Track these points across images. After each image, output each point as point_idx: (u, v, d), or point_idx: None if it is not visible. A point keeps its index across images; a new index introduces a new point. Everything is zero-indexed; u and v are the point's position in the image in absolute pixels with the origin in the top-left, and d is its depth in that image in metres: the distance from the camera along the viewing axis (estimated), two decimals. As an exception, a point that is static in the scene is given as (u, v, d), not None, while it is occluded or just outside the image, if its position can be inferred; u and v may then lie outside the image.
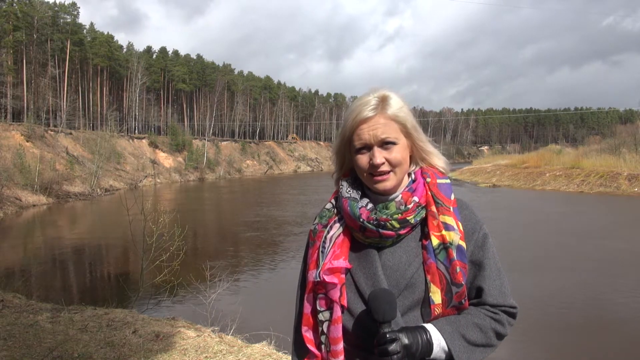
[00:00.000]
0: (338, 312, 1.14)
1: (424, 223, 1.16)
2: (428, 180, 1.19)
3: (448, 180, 1.21)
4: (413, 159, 1.23)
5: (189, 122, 68.51)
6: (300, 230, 16.15)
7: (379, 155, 1.14)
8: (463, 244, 1.13)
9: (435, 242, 1.13)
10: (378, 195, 1.19)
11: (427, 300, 1.12)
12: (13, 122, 37.87)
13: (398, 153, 1.15)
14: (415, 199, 1.16)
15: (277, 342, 4.95)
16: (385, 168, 1.14)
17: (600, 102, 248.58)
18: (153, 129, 60.11)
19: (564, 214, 19.10)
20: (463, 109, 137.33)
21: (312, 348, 1.19)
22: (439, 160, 1.24)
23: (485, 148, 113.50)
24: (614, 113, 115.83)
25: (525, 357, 6.31)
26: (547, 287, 9.17)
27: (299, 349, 1.25)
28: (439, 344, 1.08)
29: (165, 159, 50.47)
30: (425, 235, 1.15)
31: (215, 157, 57.18)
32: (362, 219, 1.14)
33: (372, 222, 1.13)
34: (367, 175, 1.17)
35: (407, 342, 1.04)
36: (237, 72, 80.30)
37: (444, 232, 1.13)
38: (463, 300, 1.14)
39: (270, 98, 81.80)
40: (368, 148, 1.15)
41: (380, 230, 1.13)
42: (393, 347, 1.01)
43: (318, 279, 1.16)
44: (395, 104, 1.17)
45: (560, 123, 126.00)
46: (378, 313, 1.04)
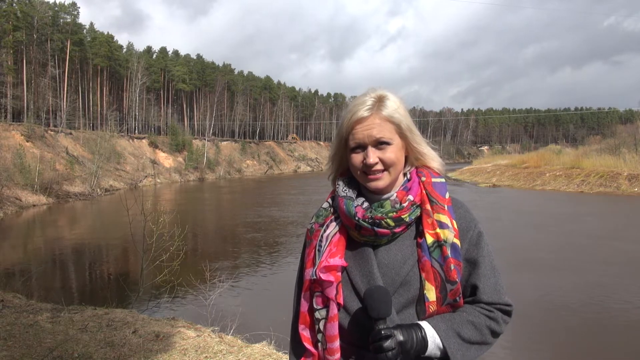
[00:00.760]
0: (334, 309, 1.15)
1: (419, 221, 1.18)
2: (423, 180, 1.21)
3: (443, 180, 1.23)
4: (408, 159, 1.24)
5: (189, 122, 68.50)
6: (301, 231, 16.15)
7: (373, 155, 1.15)
8: (457, 242, 1.14)
9: (430, 240, 1.14)
10: (374, 195, 1.21)
11: (421, 298, 1.14)
12: (13, 122, 37.87)
13: (392, 153, 1.17)
14: (410, 198, 1.17)
15: (277, 342, 4.95)
16: (379, 167, 1.16)
17: (601, 102, 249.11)
18: (153, 129, 60.09)
19: (572, 215, 18.96)
20: (463, 109, 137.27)
21: (308, 346, 1.21)
22: (434, 162, 1.25)
23: (485, 148, 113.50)
24: (614, 113, 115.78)
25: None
26: (565, 288, 8.99)
27: (296, 347, 1.27)
28: (434, 341, 1.09)
29: (165, 159, 50.47)
30: (420, 234, 1.17)
31: (215, 157, 57.18)
32: (357, 217, 1.16)
33: (367, 220, 1.15)
34: (360, 174, 1.18)
35: (402, 338, 1.05)
36: (237, 72, 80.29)
37: (438, 230, 1.14)
38: (458, 298, 1.15)
39: (270, 98, 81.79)
40: (363, 147, 1.17)
41: (376, 229, 1.15)
42: (388, 343, 1.03)
43: (314, 277, 1.17)
44: (391, 105, 1.18)
45: (560, 123, 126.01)
46: (373, 310, 1.05)
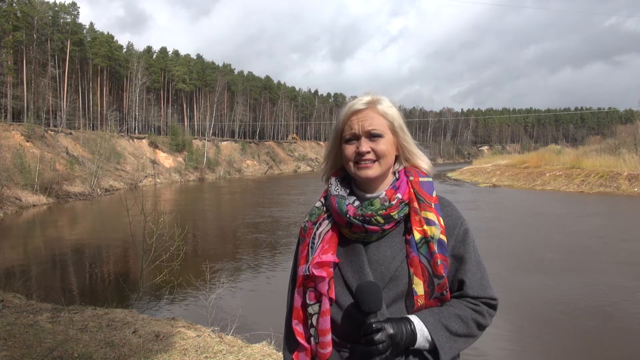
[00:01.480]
0: (326, 304, 1.20)
1: (407, 219, 1.23)
2: (411, 179, 1.26)
3: (430, 179, 1.29)
4: (398, 159, 1.31)
5: (189, 122, 68.50)
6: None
7: (365, 144, 1.22)
8: (444, 238, 1.20)
9: (418, 236, 1.19)
10: (364, 193, 1.27)
11: (410, 292, 1.18)
12: (13, 122, 37.86)
13: (384, 145, 1.24)
14: (399, 196, 1.22)
15: (277, 342, 4.95)
16: (371, 157, 1.22)
17: (602, 102, 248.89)
18: (153, 129, 60.08)
19: (578, 216, 18.90)
20: (463, 109, 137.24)
21: (302, 341, 1.26)
22: (422, 162, 1.31)
23: (485, 148, 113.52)
24: (614, 113, 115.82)
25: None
26: (579, 290, 8.90)
27: (290, 342, 1.32)
28: (423, 334, 1.14)
29: (165, 159, 50.46)
30: (409, 231, 1.22)
31: (215, 157, 57.18)
32: (348, 215, 1.21)
33: (358, 217, 1.20)
34: (352, 165, 1.24)
35: (392, 331, 1.10)
36: (237, 72, 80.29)
37: (426, 226, 1.19)
38: (445, 292, 1.20)
39: (270, 98, 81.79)
40: (356, 138, 1.24)
41: (366, 226, 1.20)
42: (379, 336, 1.08)
43: (307, 273, 1.22)
44: (386, 104, 1.27)
45: (560, 123, 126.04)
46: (364, 304, 1.10)
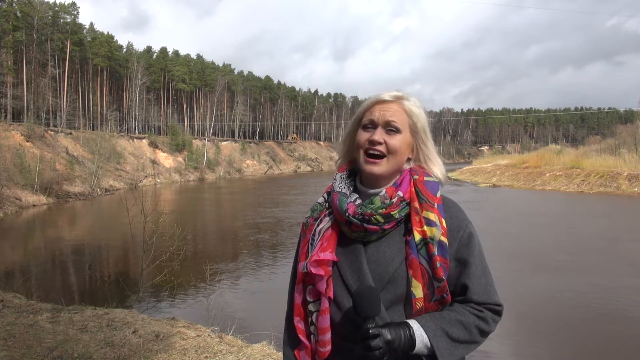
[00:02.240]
0: (325, 303, 1.19)
1: (408, 219, 1.20)
2: (415, 178, 1.22)
3: (436, 180, 1.24)
4: (409, 161, 1.27)
5: (189, 122, 68.49)
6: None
7: (380, 134, 1.20)
8: (445, 240, 1.16)
9: (417, 237, 1.16)
10: (367, 189, 1.25)
11: (409, 295, 1.15)
12: (13, 122, 37.85)
13: (398, 141, 1.21)
14: (400, 194, 1.19)
15: (277, 342, 4.95)
16: (382, 149, 1.19)
17: (602, 102, 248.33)
18: (153, 129, 60.06)
19: (585, 216, 18.86)
20: (463, 109, 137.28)
21: (302, 338, 1.25)
22: (437, 171, 1.26)
23: (485, 148, 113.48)
24: (614, 113, 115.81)
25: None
26: (599, 293, 8.78)
27: (291, 339, 1.31)
28: (422, 340, 1.11)
29: (165, 159, 50.45)
30: (409, 231, 1.18)
31: (215, 157, 57.18)
32: (348, 214, 1.18)
33: (357, 216, 1.17)
34: (362, 153, 1.22)
35: (389, 337, 1.07)
36: (237, 72, 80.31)
37: (426, 227, 1.16)
38: (445, 295, 1.16)
39: (270, 98, 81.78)
40: (374, 127, 1.22)
41: (365, 225, 1.17)
42: (375, 342, 1.05)
43: (305, 270, 1.20)
44: (414, 103, 1.25)
45: (560, 123, 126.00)
46: (362, 310, 1.08)
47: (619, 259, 11.39)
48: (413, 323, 1.13)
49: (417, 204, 1.19)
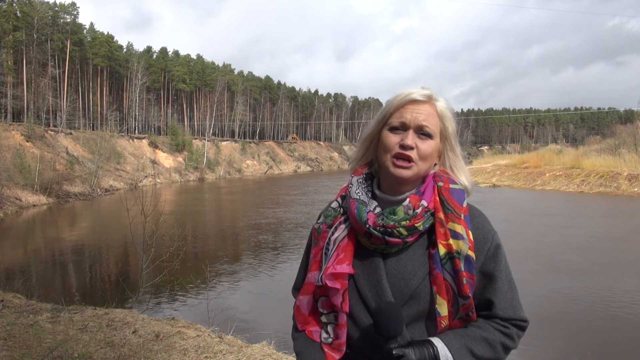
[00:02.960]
0: (343, 318, 1.12)
1: (432, 230, 1.10)
2: (440, 184, 1.13)
3: (461, 187, 1.15)
4: (434, 166, 1.18)
5: (189, 122, 68.51)
6: (303, 232, 16.14)
7: (412, 138, 1.10)
8: (472, 255, 1.07)
9: (442, 251, 1.07)
10: (388, 196, 1.15)
11: (432, 313, 1.08)
12: (13, 122, 37.85)
13: (430, 147, 1.11)
14: (424, 203, 1.10)
15: (277, 342, 4.96)
16: (412, 155, 1.09)
17: (603, 102, 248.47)
18: (153, 129, 60.09)
19: (590, 217, 18.73)
20: (463, 109, 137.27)
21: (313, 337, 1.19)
22: (465, 179, 1.17)
23: (485, 148, 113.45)
24: (614, 113, 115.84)
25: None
26: (618, 295, 8.62)
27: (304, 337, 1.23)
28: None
29: (165, 159, 50.44)
30: (433, 244, 1.10)
31: (215, 157, 57.17)
32: (368, 225, 1.09)
33: (378, 228, 1.08)
34: (389, 158, 1.11)
35: (414, 358, 1.00)
36: (237, 72, 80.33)
37: (452, 240, 1.07)
38: (470, 313, 1.09)
39: (270, 98, 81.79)
40: (403, 129, 1.11)
41: (387, 238, 1.08)
42: None
43: (320, 284, 1.13)
44: (446, 105, 1.16)
45: (560, 123, 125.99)
46: (383, 328, 1.00)
47: (632, 260, 11.22)
48: (437, 342, 1.05)
49: (442, 215, 1.09)
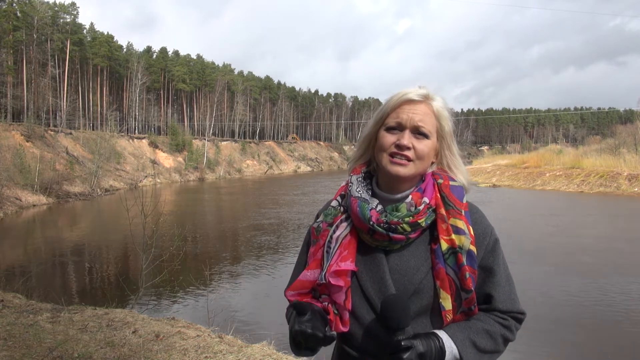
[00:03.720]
0: (346, 315, 1.12)
1: (433, 226, 1.13)
2: (440, 182, 1.15)
3: (460, 184, 1.18)
4: (432, 164, 1.20)
5: (189, 122, 68.51)
6: (303, 232, 16.14)
7: (408, 138, 1.12)
8: (474, 249, 1.10)
9: (445, 246, 1.09)
10: (387, 194, 1.16)
11: (437, 307, 1.10)
12: (13, 122, 37.83)
13: (426, 147, 1.13)
14: (426, 200, 1.12)
15: (277, 342, 4.96)
16: (409, 154, 1.11)
17: (603, 102, 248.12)
18: (153, 129, 60.09)
19: (596, 217, 18.70)
20: (463, 109, 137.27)
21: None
22: (462, 177, 1.20)
23: (485, 148, 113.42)
24: (614, 113, 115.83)
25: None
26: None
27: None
28: (452, 352, 1.05)
29: (165, 159, 50.44)
30: (435, 239, 1.12)
31: (215, 157, 57.17)
32: (372, 222, 1.10)
33: (382, 225, 1.10)
34: (385, 156, 1.13)
35: (422, 350, 1.01)
36: (237, 72, 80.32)
37: (454, 235, 1.09)
38: (473, 307, 1.11)
39: (270, 98, 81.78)
40: (400, 129, 1.13)
41: (391, 234, 1.10)
42: (408, 355, 0.99)
43: (323, 281, 1.13)
44: (443, 104, 1.18)
45: (561, 123, 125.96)
46: (392, 320, 1.01)
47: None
48: (442, 334, 1.07)
49: (443, 211, 1.11)
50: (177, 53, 70.26)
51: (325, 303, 1.15)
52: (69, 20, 51.60)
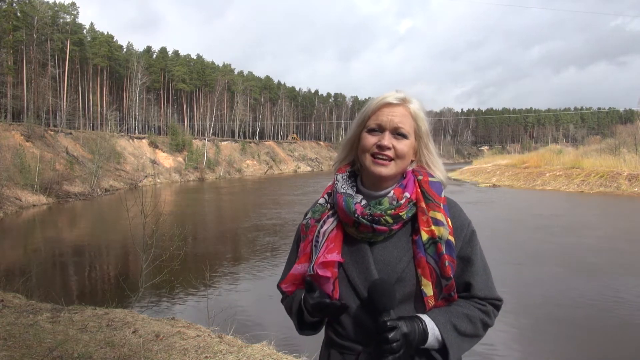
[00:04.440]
0: None
1: (414, 219, 1.21)
2: (420, 178, 1.24)
3: (438, 180, 1.26)
4: (411, 163, 1.28)
5: (189, 122, 68.50)
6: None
7: (388, 139, 1.19)
8: (452, 239, 1.18)
9: (425, 237, 1.17)
10: (371, 192, 1.24)
11: (419, 294, 1.17)
12: (13, 122, 37.81)
13: (406, 146, 1.21)
14: (407, 195, 1.20)
15: (277, 342, 4.96)
16: (390, 154, 1.19)
17: (603, 102, 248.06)
18: (153, 129, 60.07)
19: (599, 217, 18.62)
20: (464, 109, 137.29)
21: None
22: (440, 173, 1.28)
23: (485, 148, 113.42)
24: (614, 113, 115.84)
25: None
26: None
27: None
28: (434, 334, 1.13)
29: (165, 159, 50.43)
30: (415, 231, 1.20)
31: (215, 157, 57.16)
32: (356, 215, 1.18)
33: (366, 217, 1.17)
34: (368, 157, 1.21)
35: (406, 330, 1.08)
36: (237, 72, 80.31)
37: (433, 227, 1.17)
38: (452, 293, 1.19)
39: (270, 98, 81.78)
40: (380, 130, 1.21)
41: (374, 226, 1.17)
42: (393, 335, 1.05)
43: (312, 273, 1.19)
44: (419, 107, 1.26)
45: (561, 123, 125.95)
46: (379, 302, 1.08)
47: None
48: (425, 317, 1.14)
49: (423, 204, 1.20)
50: (177, 53, 70.24)
51: None
52: (69, 20, 51.58)
